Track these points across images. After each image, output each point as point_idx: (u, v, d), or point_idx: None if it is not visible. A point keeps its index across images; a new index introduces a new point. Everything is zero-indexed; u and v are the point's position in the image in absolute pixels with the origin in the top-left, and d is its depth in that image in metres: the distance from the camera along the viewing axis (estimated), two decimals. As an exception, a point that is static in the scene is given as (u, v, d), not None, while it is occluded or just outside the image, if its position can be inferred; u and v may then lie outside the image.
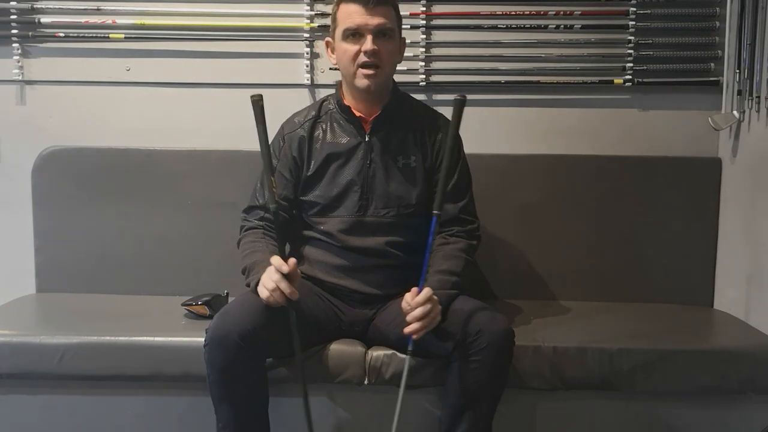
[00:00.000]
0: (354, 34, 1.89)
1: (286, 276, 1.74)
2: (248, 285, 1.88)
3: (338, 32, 1.92)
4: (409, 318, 1.74)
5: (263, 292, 1.76)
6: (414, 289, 1.77)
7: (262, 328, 1.76)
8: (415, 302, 1.74)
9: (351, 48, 1.90)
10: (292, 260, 1.77)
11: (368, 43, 1.87)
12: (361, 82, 1.91)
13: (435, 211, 1.78)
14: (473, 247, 1.99)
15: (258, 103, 1.75)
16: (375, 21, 1.87)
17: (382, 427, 1.97)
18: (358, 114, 1.98)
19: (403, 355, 1.87)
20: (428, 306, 1.74)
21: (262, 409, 1.85)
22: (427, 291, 1.76)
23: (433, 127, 2.02)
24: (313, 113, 2.04)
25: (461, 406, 1.81)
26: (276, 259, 1.76)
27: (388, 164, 1.98)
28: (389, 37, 1.91)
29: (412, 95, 2.13)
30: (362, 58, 1.89)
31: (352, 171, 1.98)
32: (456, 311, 1.83)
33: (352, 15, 1.88)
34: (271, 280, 1.75)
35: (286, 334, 1.77)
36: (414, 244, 1.98)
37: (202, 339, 1.86)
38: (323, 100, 2.07)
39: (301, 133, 2.01)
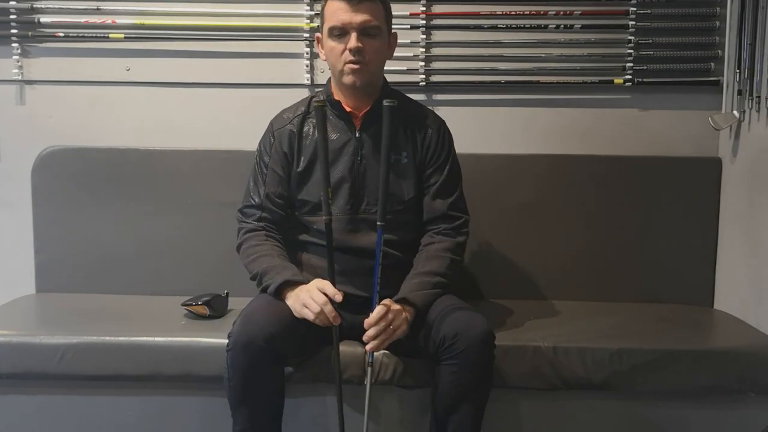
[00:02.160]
0: (339, 31, 1.87)
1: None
2: (264, 290, 1.87)
3: (325, 29, 1.91)
4: (364, 338, 1.77)
5: (307, 313, 1.78)
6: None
7: (286, 333, 1.77)
8: (366, 323, 1.77)
9: (337, 46, 1.89)
10: (341, 295, 1.79)
11: (352, 41, 1.86)
12: (347, 78, 1.90)
13: (379, 223, 1.79)
14: (459, 244, 1.98)
15: (321, 109, 1.77)
16: (359, 18, 1.85)
17: (380, 425, 1.98)
18: (348, 109, 1.97)
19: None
20: (381, 325, 1.76)
21: (278, 413, 1.84)
22: (379, 310, 1.77)
23: (423, 122, 2.02)
24: (303, 109, 2.02)
25: (446, 409, 1.81)
26: (327, 285, 1.79)
27: (379, 160, 1.94)
28: (375, 34, 1.89)
29: (407, 95, 2.10)
30: (347, 56, 1.87)
31: (342, 168, 1.96)
32: (434, 314, 1.83)
33: (337, 12, 1.86)
34: (315, 303, 1.76)
35: (303, 339, 1.80)
36: (408, 241, 1.98)
37: (202, 339, 1.87)
38: (312, 96, 2.06)
39: (291, 129, 2.00)
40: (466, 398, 1.79)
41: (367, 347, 1.78)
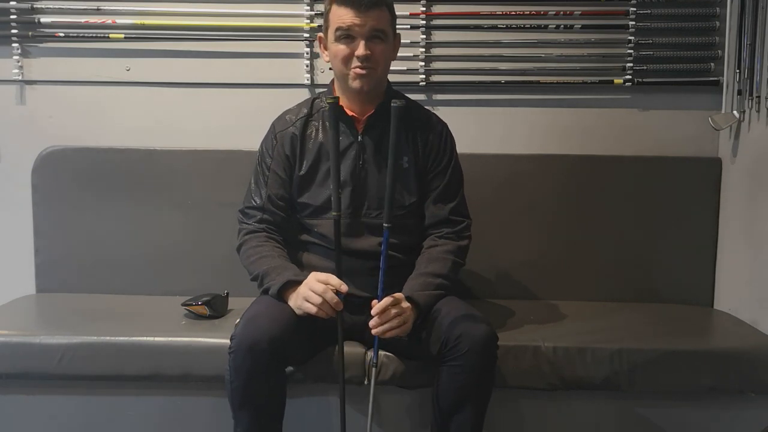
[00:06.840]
0: (346, 36, 1.87)
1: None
2: (266, 291, 1.87)
3: (330, 32, 1.90)
4: (371, 323, 1.79)
5: (309, 306, 1.78)
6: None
7: (289, 335, 1.77)
8: (374, 311, 1.78)
9: (344, 50, 1.88)
10: (345, 287, 1.81)
11: (361, 48, 1.85)
12: (354, 83, 1.90)
13: (385, 224, 1.79)
14: (462, 248, 1.98)
15: (334, 106, 1.77)
16: (368, 24, 1.85)
17: (381, 425, 1.98)
18: (350, 113, 1.97)
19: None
20: (390, 312, 1.78)
21: (280, 415, 1.84)
22: (388, 299, 1.78)
23: (425, 126, 2.01)
24: (305, 111, 2.02)
25: (448, 410, 1.81)
26: (332, 277, 1.80)
27: (381, 165, 1.96)
28: (382, 39, 1.88)
29: (407, 95, 2.09)
30: (355, 62, 1.87)
31: (344, 172, 1.95)
32: (438, 315, 1.83)
33: (344, 17, 1.85)
34: (315, 294, 1.77)
35: (307, 341, 1.81)
36: (410, 244, 1.98)
37: (203, 339, 1.86)
38: (315, 98, 2.06)
39: (293, 132, 1.99)
40: (468, 399, 1.79)
41: (373, 330, 1.78)
